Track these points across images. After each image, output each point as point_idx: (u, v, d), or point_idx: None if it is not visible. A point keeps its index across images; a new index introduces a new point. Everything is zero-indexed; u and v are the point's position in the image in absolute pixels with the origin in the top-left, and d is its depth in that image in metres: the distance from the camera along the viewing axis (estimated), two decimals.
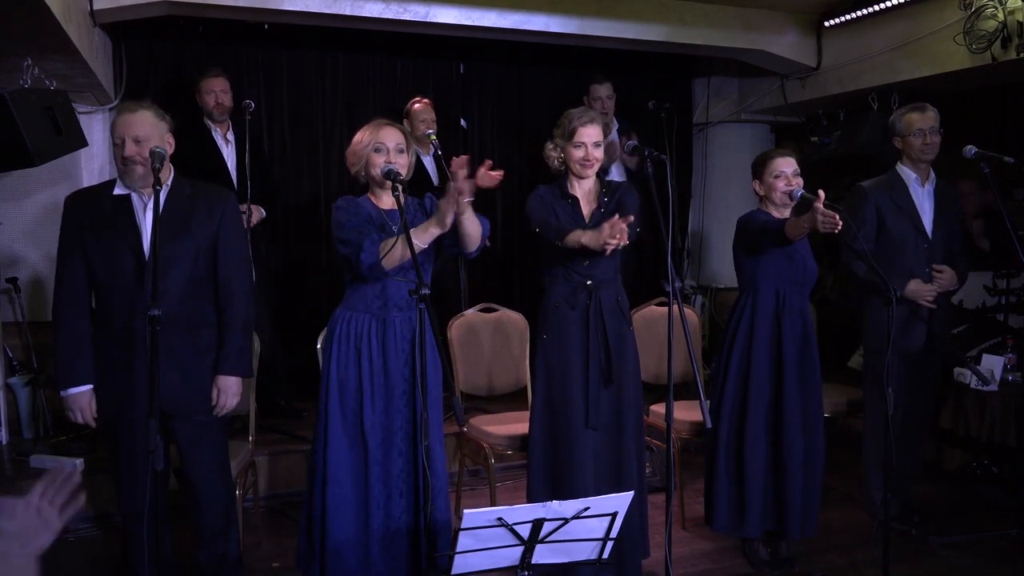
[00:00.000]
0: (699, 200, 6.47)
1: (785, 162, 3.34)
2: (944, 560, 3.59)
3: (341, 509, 2.82)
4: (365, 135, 2.85)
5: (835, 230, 2.91)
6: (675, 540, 2.98)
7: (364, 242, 2.71)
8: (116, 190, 2.73)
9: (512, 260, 5.95)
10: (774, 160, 3.34)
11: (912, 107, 3.75)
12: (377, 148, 2.80)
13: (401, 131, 2.87)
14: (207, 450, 2.85)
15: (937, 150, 3.72)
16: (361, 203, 2.88)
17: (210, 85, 4.48)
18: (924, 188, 3.77)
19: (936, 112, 3.72)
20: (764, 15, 5.24)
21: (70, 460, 3.94)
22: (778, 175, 3.32)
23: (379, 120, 2.90)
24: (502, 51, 5.56)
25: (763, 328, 3.33)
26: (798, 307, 3.37)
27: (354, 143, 2.88)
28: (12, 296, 4.64)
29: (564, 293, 3.12)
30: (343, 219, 2.79)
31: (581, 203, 3.15)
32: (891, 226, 3.70)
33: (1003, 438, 4.27)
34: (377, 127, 2.84)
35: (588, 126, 3.07)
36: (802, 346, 3.36)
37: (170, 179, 2.76)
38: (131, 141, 2.63)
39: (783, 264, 3.32)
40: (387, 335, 2.84)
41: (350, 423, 2.84)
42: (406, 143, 2.86)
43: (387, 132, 2.83)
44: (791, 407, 3.30)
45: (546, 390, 3.16)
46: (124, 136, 2.64)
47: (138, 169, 2.64)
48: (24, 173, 4.59)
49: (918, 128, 3.68)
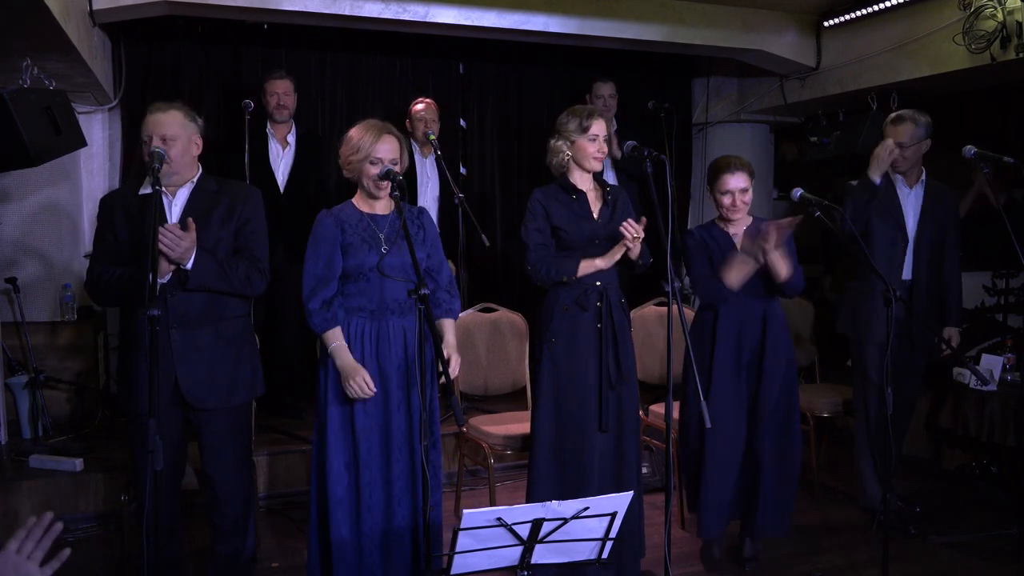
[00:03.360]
0: (698, 200, 6.47)
1: (735, 179, 3.23)
2: (944, 560, 3.58)
3: (340, 511, 2.83)
4: (363, 141, 2.81)
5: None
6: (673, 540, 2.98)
7: (316, 300, 2.79)
8: (143, 189, 2.78)
9: (511, 260, 5.95)
10: (722, 176, 3.25)
11: (893, 117, 3.78)
12: (372, 162, 2.80)
13: (397, 139, 2.86)
14: (230, 445, 2.88)
15: (912, 161, 3.75)
16: (341, 215, 2.85)
17: (273, 87, 4.52)
18: (912, 189, 3.81)
19: (916, 124, 3.69)
20: (764, 15, 5.24)
21: (70, 460, 3.94)
22: (725, 192, 3.25)
23: (376, 124, 2.86)
24: (501, 51, 5.56)
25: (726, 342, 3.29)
26: (760, 310, 3.31)
27: (349, 145, 2.84)
28: (11, 296, 4.63)
29: (575, 295, 3.11)
30: (310, 253, 2.83)
31: (588, 197, 3.15)
32: (873, 224, 3.77)
33: (1002, 438, 4.27)
34: (375, 136, 2.81)
35: (598, 119, 3.12)
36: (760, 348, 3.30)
37: (196, 176, 2.82)
38: (159, 139, 2.69)
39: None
40: (380, 339, 2.83)
41: (344, 426, 2.84)
42: (400, 154, 2.86)
43: (383, 146, 2.80)
44: (763, 408, 3.29)
45: (554, 393, 3.14)
46: (152, 134, 2.70)
47: (163, 167, 2.69)
48: (23, 173, 4.59)
49: (888, 139, 3.72)
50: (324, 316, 2.80)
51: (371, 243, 2.82)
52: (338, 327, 2.82)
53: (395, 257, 2.81)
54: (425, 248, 2.94)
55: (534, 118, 6.01)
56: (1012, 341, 4.84)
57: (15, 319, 4.64)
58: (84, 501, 3.90)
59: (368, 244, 2.81)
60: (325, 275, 2.82)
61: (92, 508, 3.90)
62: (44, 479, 3.87)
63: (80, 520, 3.86)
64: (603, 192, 3.20)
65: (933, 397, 4.78)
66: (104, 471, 3.94)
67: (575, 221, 3.11)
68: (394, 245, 2.82)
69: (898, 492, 3.97)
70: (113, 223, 2.77)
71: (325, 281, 2.82)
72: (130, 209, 2.77)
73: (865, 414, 3.87)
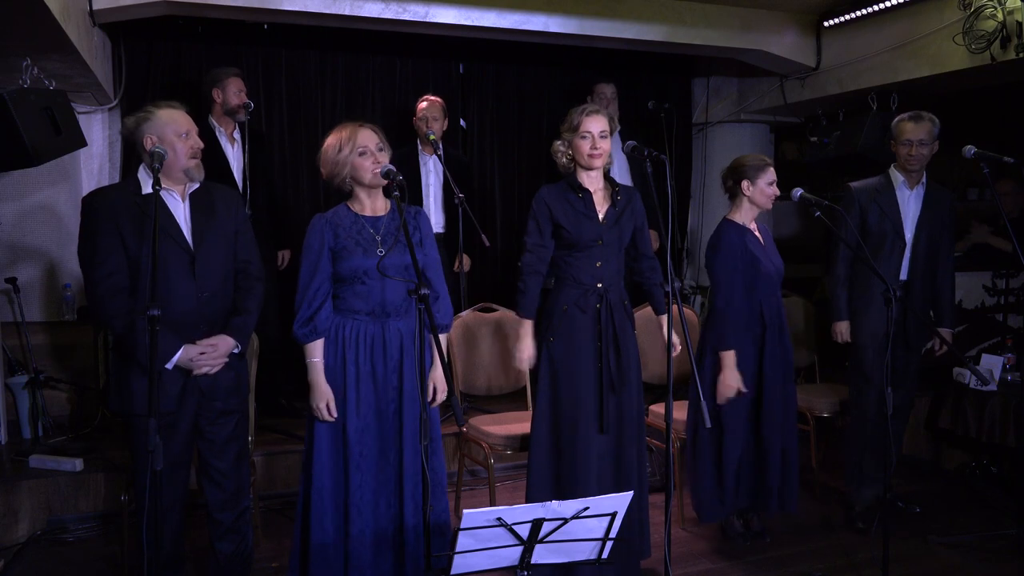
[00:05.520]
0: (698, 200, 6.47)
1: (773, 172, 3.52)
2: (944, 560, 3.58)
3: (321, 512, 2.81)
4: (341, 140, 2.78)
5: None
6: (674, 540, 2.99)
7: (300, 311, 2.79)
8: (147, 190, 2.73)
9: (512, 260, 5.95)
10: (767, 169, 3.50)
11: (911, 115, 3.78)
12: (361, 152, 2.76)
13: (374, 130, 2.83)
14: (234, 442, 2.90)
15: (925, 161, 3.78)
16: (334, 219, 2.83)
17: (238, 84, 4.46)
18: (912, 191, 3.83)
19: (934, 123, 3.74)
20: (763, 15, 5.24)
21: (69, 460, 3.94)
22: (771, 182, 3.51)
23: (348, 123, 2.84)
24: (501, 51, 5.56)
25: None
26: (777, 303, 3.58)
27: (329, 149, 2.80)
28: (11, 296, 4.63)
29: (574, 296, 3.11)
30: (303, 262, 2.82)
31: (595, 198, 3.14)
32: (871, 226, 3.80)
33: (1002, 438, 4.27)
34: (353, 131, 2.78)
35: (593, 116, 3.07)
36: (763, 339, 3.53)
37: (201, 176, 2.84)
38: (196, 135, 2.77)
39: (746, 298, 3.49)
40: (375, 342, 2.81)
41: (334, 428, 2.82)
42: (381, 139, 2.82)
43: (365, 134, 2.78)
44: (767, 397, 3.52)
45: (551, 393, 3.15)
46: (190, 130, 2.76)
47: (198, 163, 2.79)
48: (23, 173, 4.59)
49: (907, 138, 3.75)
50: (304, 330, 2.79)
51: (366, 245, 2.78)
52: (319, 340, 2.80)
53: (394, 258, 2.77)
54: (422, 250, 2.89)
55: (534, 118, 6.01)
56: (1012, 341, 4.85)
57: (15, 319, 4.64)
58: (84, 501, 3.90)
59: (363, 247, 2.78)
60: (312, 284, 2.79)
61: (92, 508, 3.90)
62: (44, 479, 3.87)
63: (80, 520, 3.85)
64: (612, 192, 3.17)
65: (933, 397, 4.78)
66: (104, 471, 3.93)
67: (579, 220, 3.09)
68: (392, 247, 2.78)
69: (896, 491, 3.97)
70: (119, 229, 2.69)
71: (313, 290, 2.79)
72: (137, 216, 2.70)
73: (861, 415, 3.87)
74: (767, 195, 3.50)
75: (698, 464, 3.58)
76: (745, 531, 3.74)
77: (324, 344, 2.82)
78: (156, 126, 2.71)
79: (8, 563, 3.50)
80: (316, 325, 2.78)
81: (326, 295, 2.81)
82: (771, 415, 3.53)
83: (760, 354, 3.52)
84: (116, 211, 2.71)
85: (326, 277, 2.80)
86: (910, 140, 3.73)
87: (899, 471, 4.29)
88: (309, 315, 2.78)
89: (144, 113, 2.74)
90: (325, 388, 2.79)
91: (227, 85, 4.42)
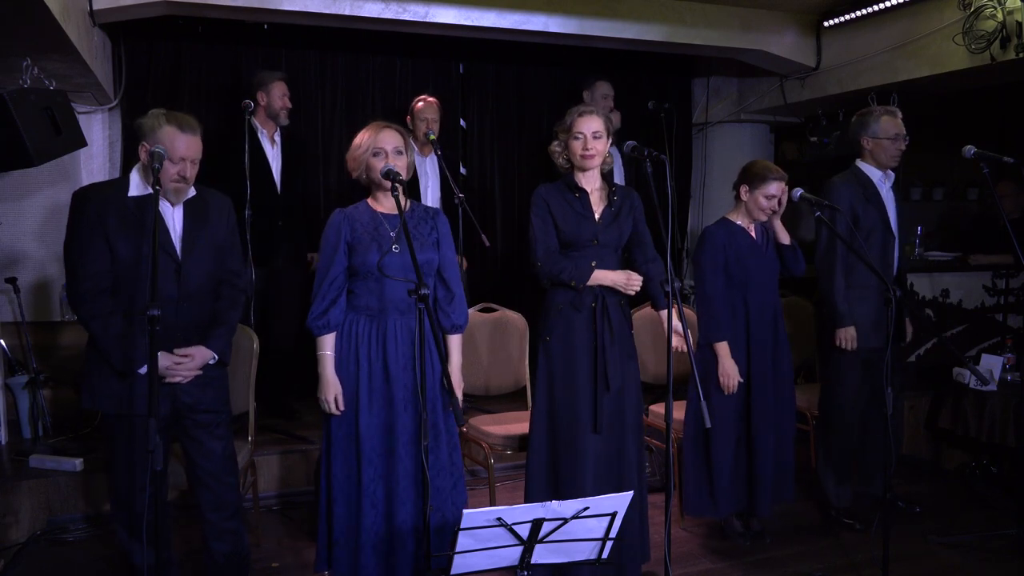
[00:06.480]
0: (698, 200, 6.48)
1: (777, 187, 3.49)
2: (944, 560, 3.58)
3: (334, 507, 2.86)
4: (364, 138, 2.87)
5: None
6: (674, 540, 2.99)
7: (315, 303, 2.83)
8: (135, 191, 2.75)
9: (512, 260, 5.95)
10: (769, 182, 3.48)
11: (887, 110, 3.78)
12: (376, 152, 2.83)
13: (400, 133, 2.89)
14: (220, 442, 2.91)
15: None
16: (353, 213, 2.89)
17: (282, 88, 4.54)
18: (887, 185, 3.83)
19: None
20: (763, 15, 5.24)
21: (69, 460, 3.94)
22: (769, 196, 3.49)
23: (378, 122, 2.91)
24: (501, 51, 5.56)
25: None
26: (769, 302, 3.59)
27: (353, 147, 2.90)
28: (11, 296, 4.63)
29: (571, 296, 3.11)
30: (320, 256, 2.88)
31: (591, 198, 3.14)
32: (861, 218, 3.76)
33: (1002, 438, 4.28)
34: (376, 130, 2.86)
35: (586, 117, 3.08)
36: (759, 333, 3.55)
37: (180, 201, 2.82)
38: (190, 163, 2.72)
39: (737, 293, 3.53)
40: (387, 339, 2.84)
41: (348, 423, 2.86)
42: (404, 145, 2.88)
43: (385, 135, 2.84)
44: (756, 395, 3.52)
45: (548, 392, 3.15)
46: (185, 157, 2.70)
47: (184, 187, 2.75)
48: (24, 173, 4.59)
49: (896, 133, 3.73)
50: (319, 323, 2.84)
51: (379, 242, 2.83)
52: (331, 334, 2.86)
53: (403, 256, 2.80)
54: (439, 251, 2.95)
55: (534, 118, 6.01)
56: (1011, 341, 4.85)
57: (15, 319, 4.64)
58: (84, 501, 3.90)
59: (376, 243, 2.83)
60: (327, 277, 2.85)
61: (92, 508, 3.90)
62: (44, 479, 3.87)
63: (80, 520, 3.86)
64: (608, 192, 3.18)
65: (933, 397, 4.78)
66: (104, 471, 3.93)
67: (575, 220, 3.09)
68: (404, 245, 2.82)
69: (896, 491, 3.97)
70: (105, 228, 2.69)
71: (328, 283, 2.85)
72: (125, 216, 2.70)
73: (842, 416, 3.83)
74: (761, 206, 3.49)
75: (686, 458, 3.61)
76: (745, 531, 3.74)
77: (336, 340, 2.87)
78: (155, 140, 2.70)
79: (8, 563, 3.50)
80: (329, 319, 2.84)
81: (340, 288, 2.86)
82: (762, 414, 3.52)
83: (747, 353, 3.53)
84: (104, 209, 2.71)
85: (341, 270, 2.85)
86: (898, 135, 3.72)
87: (899, 471, 4.29)
88: (324, 308, 2.84)
89: (155, 120, 2.71)
90: (334, 381, 2.84)
91: (272, 89, 4.53)
